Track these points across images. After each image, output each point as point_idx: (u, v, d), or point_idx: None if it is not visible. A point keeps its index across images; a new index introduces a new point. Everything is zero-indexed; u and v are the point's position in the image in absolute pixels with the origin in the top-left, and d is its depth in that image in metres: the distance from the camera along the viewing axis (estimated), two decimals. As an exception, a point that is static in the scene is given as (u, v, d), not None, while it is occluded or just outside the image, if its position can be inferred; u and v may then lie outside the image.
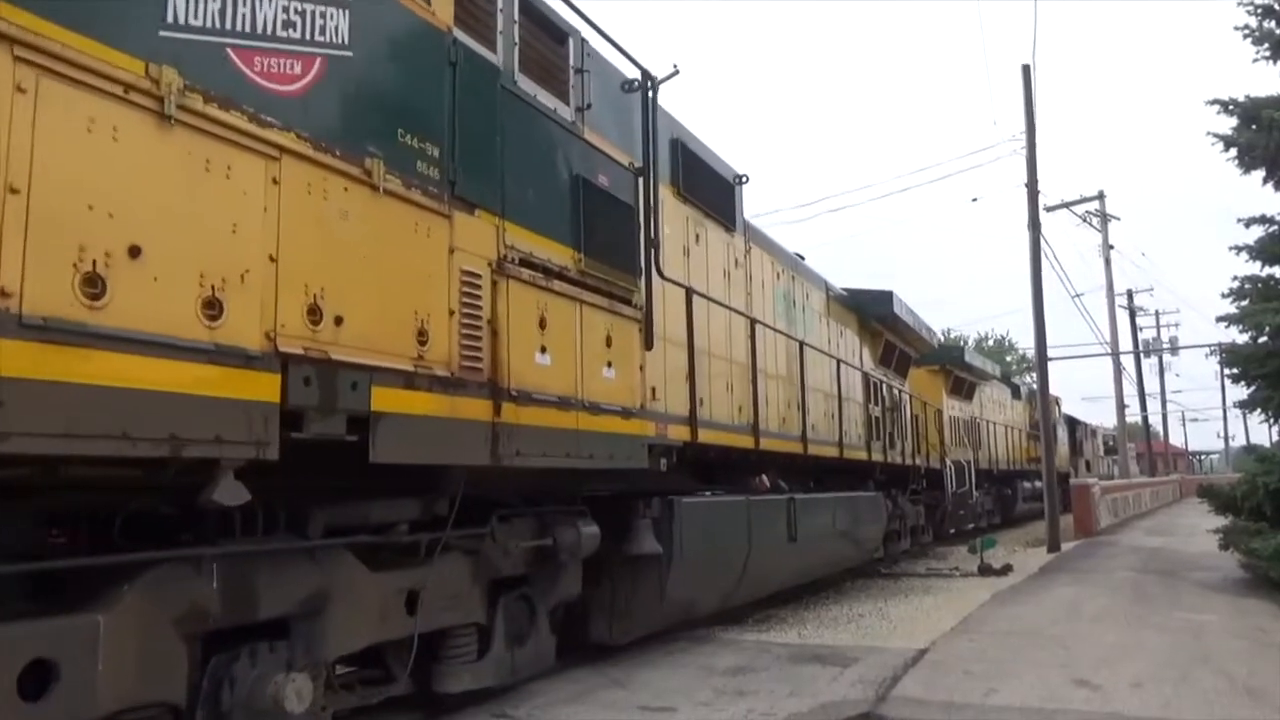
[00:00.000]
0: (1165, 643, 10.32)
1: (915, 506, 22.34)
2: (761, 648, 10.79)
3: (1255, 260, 18.19)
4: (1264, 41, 18.05)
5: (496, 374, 7.02)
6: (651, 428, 9.49)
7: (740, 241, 13.75)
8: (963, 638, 10.99)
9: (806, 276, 17.01)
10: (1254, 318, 17.42)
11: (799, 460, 14.93)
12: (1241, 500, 16.08)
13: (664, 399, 10.31)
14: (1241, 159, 18.14)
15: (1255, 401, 18.58)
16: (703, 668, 9.58)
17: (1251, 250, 18.11)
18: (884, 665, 9.43)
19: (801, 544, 13.30)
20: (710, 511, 10.89)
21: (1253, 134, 17.74)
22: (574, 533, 8.47)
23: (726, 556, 11.29)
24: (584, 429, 8.03)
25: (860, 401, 18.73)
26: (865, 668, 9.40)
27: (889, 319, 20.98)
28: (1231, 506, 16.78)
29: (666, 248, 10.78)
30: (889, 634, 11.72)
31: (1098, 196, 48.87)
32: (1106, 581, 16.38)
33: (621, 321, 8.86)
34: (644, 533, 9.66)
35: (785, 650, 10.59)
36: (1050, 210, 41.26)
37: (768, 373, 13.91)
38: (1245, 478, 16.36)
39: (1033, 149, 26.49)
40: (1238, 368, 18.74)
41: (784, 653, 10.42)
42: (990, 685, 8.36)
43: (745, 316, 13.00)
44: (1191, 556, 20.07)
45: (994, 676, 8.71)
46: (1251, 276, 18.19)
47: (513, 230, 7.40)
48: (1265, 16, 17.99)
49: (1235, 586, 15.08)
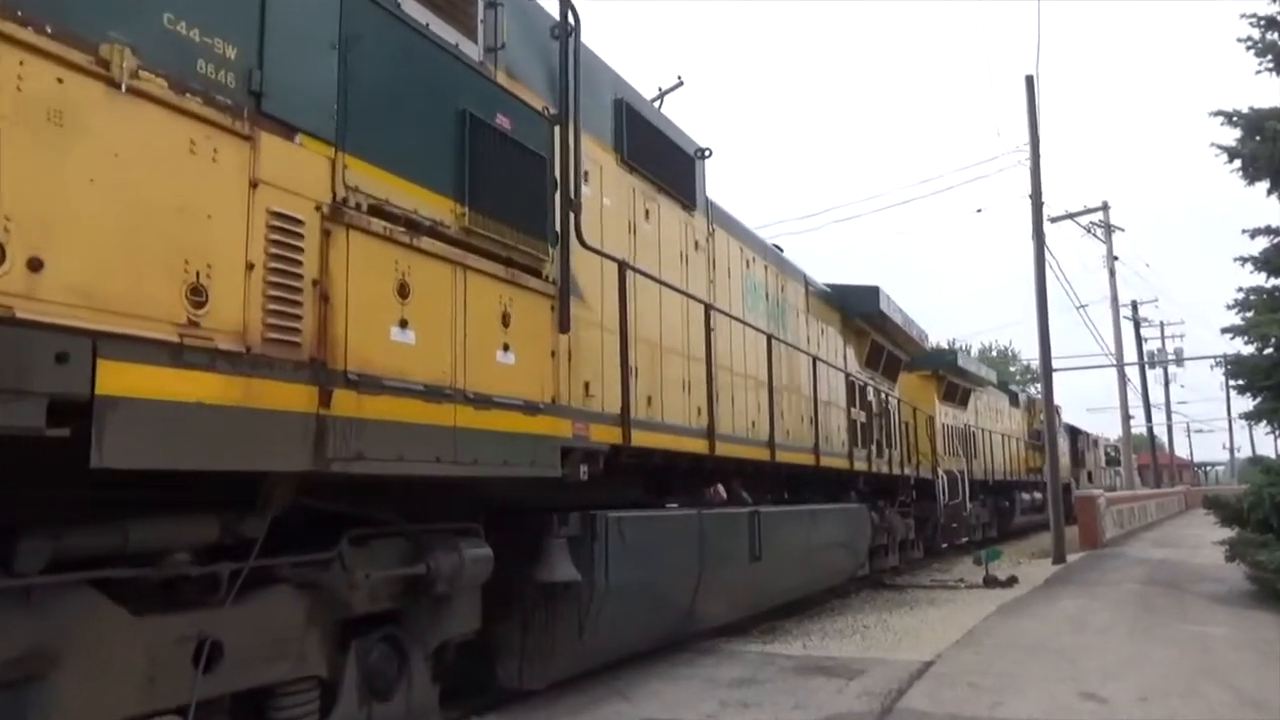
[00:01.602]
0: (1171, 655, 9.78)
1: (905, 519, 19.62)
2: (766, 659, 10.16)
3: (1260, 271, 17.19)
4: (1267, 53, 16.98)
5: (326, 352, 4.93)
6: (568, 427, 7.34)
7: (702, 222, 11.48)
8: (968, 650, 10.37)
9: (782, 267, 14.61)
10: (1259, 329, 16.45)
11: (767, 468, 12.43)
12: (1248, 512, 15.07)
13: (601, 395, 8.30)
14: (1246, 170, 17.00)
15: (1261, 413, 17.49)
16: (707, 679, 9.06)
17: (1257, 261, 17.11)
18: (889, 677, 8.88)
19: (768, 564, 11.02)
20: (646, 528, 8.64)
21: (1257, 145, 16.70)
22: (455, 557, 6.28)
23: (669, 582, 9.17)
24: (466, 426, 5.93)
25: (842, 405, 16.13)
26: (870, 680, 8.85)
27: (876, 317, 18.20)
28: (1238, 518, 15.69)
29: (608, 222, 8.87)
30: (894, 646, 11.05)
31: (1102, 207, 46.29)
32: (1112, 594, 15.43)
33: (526, 296, 6.73)
34: (557, 555, 7.55)
35: (790, 662, 10.00)
36: (1054, 221, 38.46)
37: (730, 369, 11.69)
38: (1251, 489, 15.38)
39: (1036, 160, 24.89)
40: (1243, 379, 17.42)
41: (789, 664, 9.84)
42: (996, 698, 7.93)
43: (701, 303, 10.61)
44: (1197, 568, 18.90)
45: (1000, 689, 8.25)
46: (1257, 288, 17.21)
47: (359, 168, 5.32)
48: (1268, 29, 16.91)
49: (1242, 599, 14.21)
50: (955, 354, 25.71)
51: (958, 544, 24.92)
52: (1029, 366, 79.20)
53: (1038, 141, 24.84)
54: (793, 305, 14.71)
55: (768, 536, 10.96)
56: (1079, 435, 44.74)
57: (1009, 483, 31.43)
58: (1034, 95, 24.74)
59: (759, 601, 11.86)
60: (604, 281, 8.48)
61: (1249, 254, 17.10)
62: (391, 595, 6.04)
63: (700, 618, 10.07)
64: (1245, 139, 16.81)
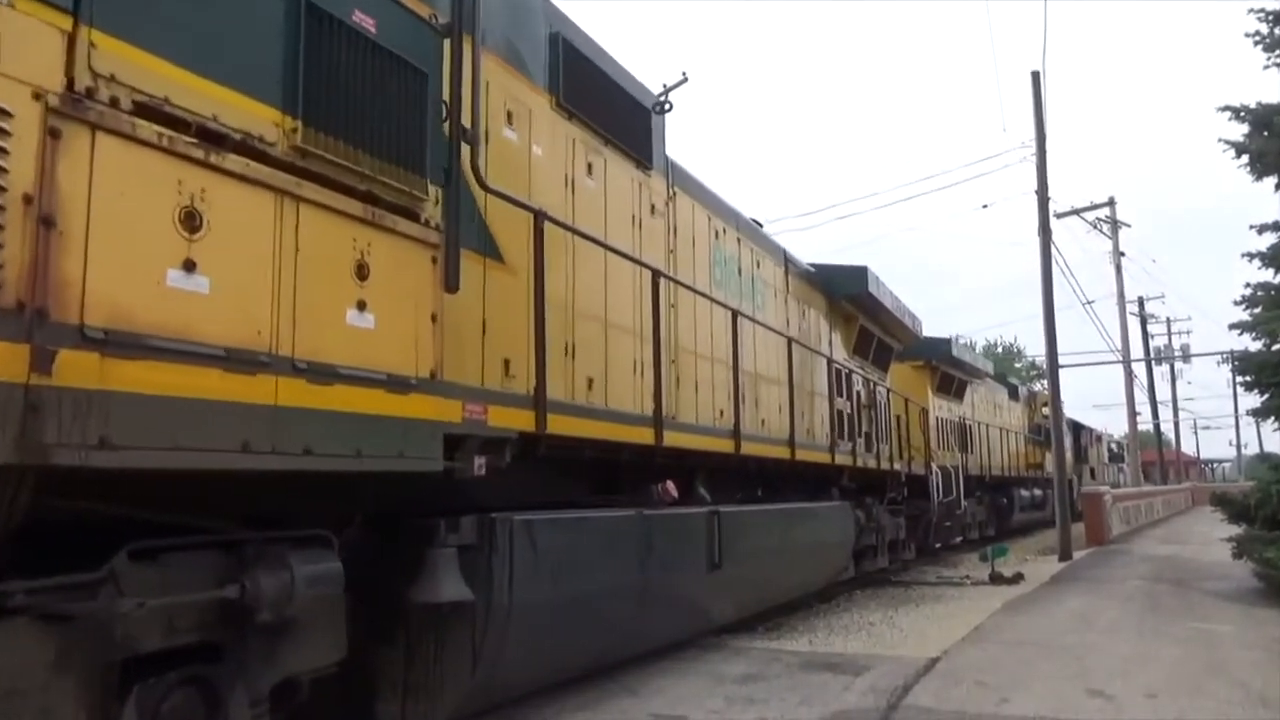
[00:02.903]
0: (1179, 653, 9.34)
1: (895, 518, 17.44)
2: (772, 655, 9.66)
3: (1268, 267, 16.22)
4: (1275, 48, 16.02)
5: (48, 297, 3.32)
6: (457, 410, 5.58)
7: (660, 184, 9.67)
8: (974, 647, 9.89)
9: (758, 241, 12.72)
10: (1267, 325, 15.65)
11: (734, 462, 10.61)
12: (1255, 509, 14.49)
13: (526, 375, 6.70)
14: (1253, 166, 16.05)
15: (1268, 409, 16.35)
16: (713, 675, 8.60)
17: (1264, 257, 16.14)
18: (895, 674, 8.45)
19: (730, 571, 9.34)
20: (566, 534, 6.91)
21: (1264, 141, 15.80)
22: (282, 576, 4.55)
23: (600, 597, 7.45)
24: (293, 406, 4.27)
25: (824, 394, 13.99)
26: (876, 676, 8.44)
27: (864, 301, 16.08)
28: (1245, 515, 15.03)
29: (539, 174, 7.33)
30: (900, 642, 10.49)
31: (1108, 203, 43.74)
32: (1119, 591, 14.71)
33: (394, 243, 5.03)
34: (443, 570, 5.74)
35: (796, 658, 9.51)
36: (1060, 217, 36.43)
37: (694, 351, 9.98)
38: (1259, 486, 14.89)
39: (1043, 155, 23.51)
40: (1250, 375, 16.43)
41: (794, 660, 9.35)
42: (1003, 695, 7.53)
43: (649, 268, 8.71)
44: (1204, 565, 18.15)
45: (1006, 686, 7.85)
46: (1264, 283, 16.22)
47: (117, 51, 3.70)
48: (1276, 23, 15.95)
49: (1249, 596, 13.52)
50: (950, 343, 22.87)
51: (952, 544, 22.90)
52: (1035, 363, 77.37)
53: (1044, 137, 23.53)
54: (769, 283, 12.81)
55: (730, 540, 9.31)
56: (1081, 430, 42.73)
57: (1007, 479, 28.93)
58: (1040, 91, 23.63)
59: (721, 614, 10.16)
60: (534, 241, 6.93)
61: (1256, 249, 16.15)
62: (200, 625, 4.37)
63: (644, 637, 8.43)
64: (1253, 134, 15.85)
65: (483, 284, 6.35)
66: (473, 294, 6.13)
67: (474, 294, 6.17)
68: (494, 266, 6.49)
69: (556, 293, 7.28)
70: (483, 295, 6.34)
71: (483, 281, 6.36)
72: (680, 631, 9.24)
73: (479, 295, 6.28)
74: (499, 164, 6.61)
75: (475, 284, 6.19)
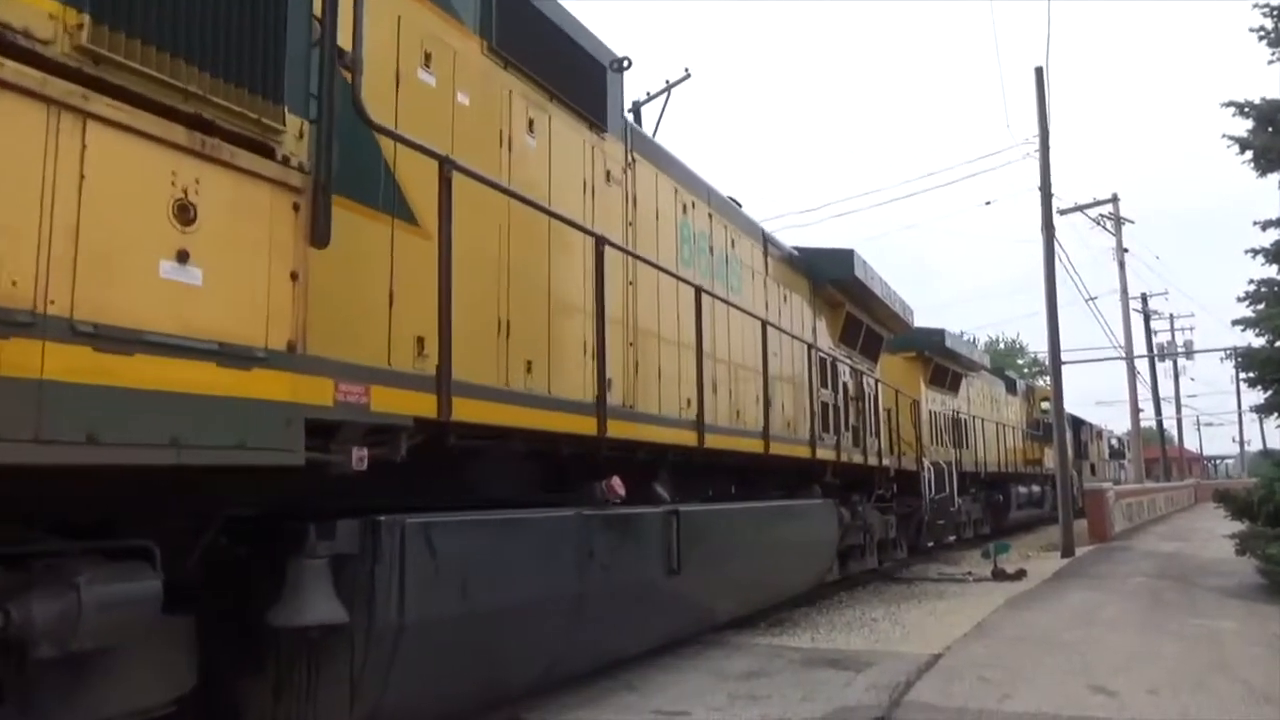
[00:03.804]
0: (1182, 649, 9.47)
1: (885, 516, 16.66)
2: (774, 652, 9.78)
3: (1271, 263, 16.49)
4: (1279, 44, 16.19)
5: None
6: (326, 389, 4.59)
7: (617, 149, 8.87)
8: (977, 643, 10.01)
9: (733, 218, 11.87)
10: (1270, 321, 15.89)
11: (697, 457, 9.53)
12: (1258, 505, 14.70)
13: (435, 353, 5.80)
14: (1257, 161, 16.40)
15: (1272, 406, 16.91)
16: (716, 672, 8.69)
17: (1268, 253, 16.38)
18: (897, 670, 8.54)
19: (692, 577, 8.53)
20: (476, 539, 5.91)
21: (1269, 136, 16.13)
22: (66, 599, 3.61)
23: (525, 613, 6.43)
24: (68, 381, 3.34)
25: (806, 384, 13.11)
26: (879, 673, 8.52)
27: (850, 286, 15.20)
28: (1248, 512, 15.19)
29: (465, 125, 6.48)
30: (902, 639, 10.58)
31: (1111, 200, 44.10)
32: (1122, 587, 14.92)
33: (235, 182, 4.07)
34: (309, 584, 4.81)
35: (798, 654, 9.60)
36: (1064, 213, 35.90)
37: (658, 334, 9.20)
38: (1262, 483, 15.08)
39: (1046, 152, 23.65)
40: (1254, 372, 16.79)
41: (797, 657, 9.46)
42: (1005, 691, 7.61)
43: (592, 235, 7.66)
44: (1207, 562, 18.31)
45: (1009, 683, 7.93)
46: (1268, 280, 16.49)
47: None
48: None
49: (1252, 593, 13.68)
50: (943, 334, 22.12)
51: (945, 543, 22.47)
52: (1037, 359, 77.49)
53: (1047, 133, 23.69)
54: (746, 264, 12.00)
55: (692, 542, 8.46)
56: (1081, 426, 42.32)
57: (1004, 475, 28.31)
58: (1044, 87, 23.67)
59: (681, 625, 9.21)
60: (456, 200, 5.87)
61: (1260, 246, 16.36)
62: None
63: (583, 654, 7.47)
64: (1257, 130, 16.14)
65: (390, 248, 5.57)
66: (377, 259, 5.47)
67: (378, 259, 5.48)
68: (406, 229, 5.67)
69: (486, 261, 6.51)
70: (390, 261, 5.55)
71: (390, 245, 5.57)
72: (631, 646, 8.36)
73: (385, 261, 5.52)
74: (412, 111, 5.85)
75: (380, 248, 5.50)
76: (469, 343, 6.02)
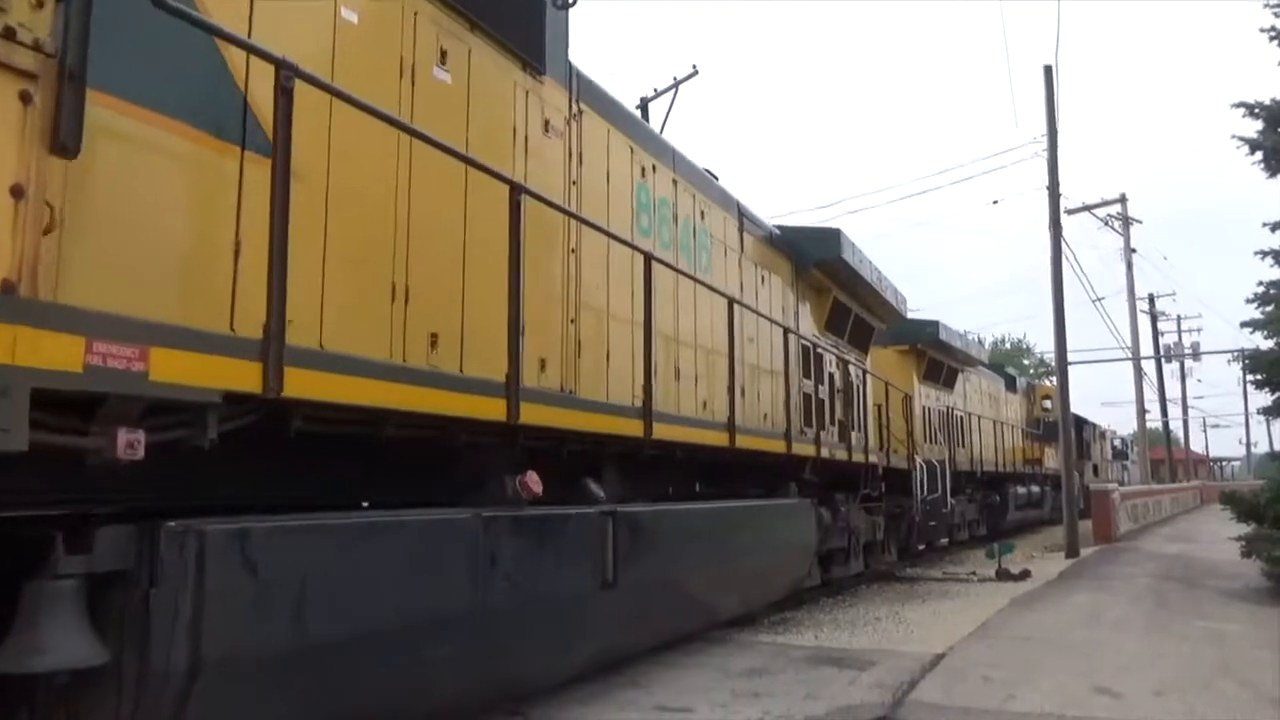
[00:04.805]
0: (1186, 651, 9.47)
1: (872, 517, 15.70)
2: (778, 650, 9.83)
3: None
4: None
5: None
6: (74, 351, 3.50)
7: (559, 96, 7.73)
8: (981, 643, 10.06)
9: (703, 187, 10.72)
10: (1279, 323, 15.96)
11: (645, 449, 8.34)
12: (1264, 508, 14.78)
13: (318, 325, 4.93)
14: (1267, 163, 16.33)
15: (1279, 408, 17.10)
16: (719, 669, 8.74)
17: (1276, 255, 16.42)
18: (901, 669, 8.57)
19: (630, 591, 7.36)
20: (315, 549, 4.63)
21: (1278, 137, 16.03)
22: None
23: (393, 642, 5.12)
24: None
25: (782, 371, 11.83)
26: (882, 672, 8.55)
27: (837, 269, 14.13)
28: (1254, 514, 15.26)
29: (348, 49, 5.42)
30: (906, 638, 10.62)
31: (1120, 199, 44.42)
32: (1127, 588, 14.97)
33: None
34: (53, 614, 3.72)
35: (802, 653, 9.64)
36: (1071, 213, 36.55)
37: (591, 305, 8.00)
38: (1269, 485, 15.26)
39: (1054, 151, 23.71)
40: (1261, 374, 16.83)
41: (800, 655, 9.51)
42: (1009, 691, 7.62)
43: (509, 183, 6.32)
44: (1213, 564, 18.38)
45: (1013, 683, 7.95)
46: (1276, 281, 16.61)
47: None
48: None
49: (1257, 595, 13.74)
50: (938, 325, 21.20)
51: (938, 546, 21.91)
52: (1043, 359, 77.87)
53: (1055, 132, 23.73)
54: (718, 239, 10.91)
55: (634, 549, 7.38)
56: (1084, 426, 41.91)
57: (1001, 475, 27.55)
58: (1052, 86, 23.65)
59: (617, 646, 7.96)
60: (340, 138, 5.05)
61: (1269, 247, 16.40)
62: None
63: (484, 688, 6.17)
64: (1267, 131, 16.06)
65: (238, 187, 4.53)
66: (218, 199, 4.46)
67: (219, 199, 4.47)
68: (261, 164, 4.53)
69: (375, 212, 5.44)
70: (237, 203, 4.51)
71: (238, 184, 4.53)
72: (548, 675, 7.08)
73: (230, 202, 4.50)
74: (273, 25, 4.79)
75: (221, 186, 4.47)
76: (349, 309, 5.17)
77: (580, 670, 7.41)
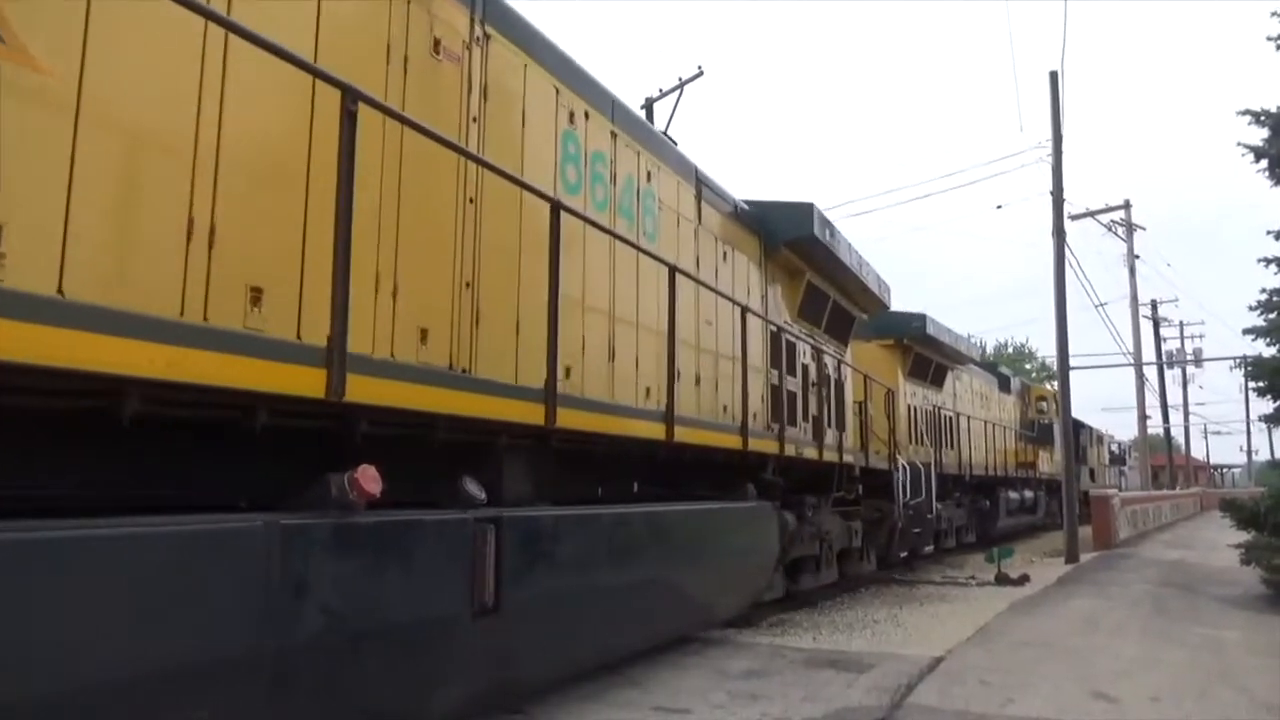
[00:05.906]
0: (1184, 658, 9.45)
1: (848, 522, 14.30)
2: (776, 652, 9.79)
3: None
4: None
5: None
6: None
7: (454, 14, 6.43)
8: (979, 647, 10.02)
9: (651, 145, 9.38)
10: None
11: (550, 439, 6.78)
12: (1264, 515, 14.74)
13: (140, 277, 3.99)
14: (1272, 170, 16.33)
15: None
16: (717, 670, 8.74)
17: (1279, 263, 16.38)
18: (899, 672, 8.57)
19: (517, 618, 5.89)
20: None
21: None
22: None
23: (119, 699, 3.58)
24: None
25: (739, 357, 10.14)
26: (880, 674, 8.56)
27: (811, 249, 12.61)
28: (1254, 521, 15.22)
29: None
30: (904, 641, 10.62)
31: (1123, 205, 44.55)
32: (1125, 594, 14.87)
33: None
34: None
35: (800, 655, 9.61)
36: (1075, 219, 36.77)
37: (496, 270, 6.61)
38: (1269, 492, 15.16)
39: (1059, 156, 23.74)
40: (1263, 381, 16.80)
41: (798, 657, 9.48)
42: (1007, 695, 7.63)
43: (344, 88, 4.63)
44: (1212, 571, 18.29)
45: (1011, 687, 7.94)
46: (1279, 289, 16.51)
47: None
48: None
49: (1256, 602, 13.70)
50: (924, 318, 19.59)
51: (922, 554, 20.34)
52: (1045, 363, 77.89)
53: (1060, 138, 23.75)
54: (669, 206, 9.52)
55: (526, 565, 5.99)
56: (1081, 430, 41.36)
57: (993, 479, 26.17)
58: (1058, 91, 23.65)
59: (507, 684, 6.29)
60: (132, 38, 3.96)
61: (1272, 255, 16.41)
62: None
63: None
64: (1272, 139, 16.08)
65: None
66: None
67: None
68: None
69: (142, 130, 4.09)
70: None
71: None
72: None
73: None
74: None
75: None
76: (163, 258, 4.14)
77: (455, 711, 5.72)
